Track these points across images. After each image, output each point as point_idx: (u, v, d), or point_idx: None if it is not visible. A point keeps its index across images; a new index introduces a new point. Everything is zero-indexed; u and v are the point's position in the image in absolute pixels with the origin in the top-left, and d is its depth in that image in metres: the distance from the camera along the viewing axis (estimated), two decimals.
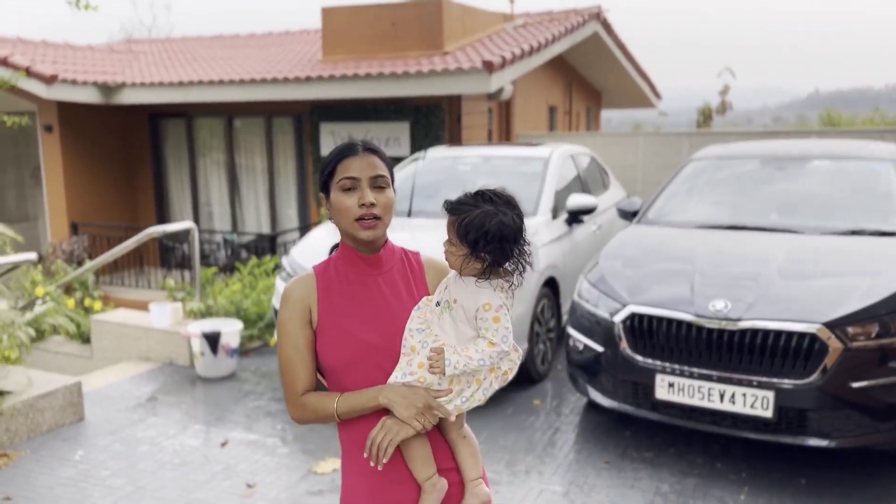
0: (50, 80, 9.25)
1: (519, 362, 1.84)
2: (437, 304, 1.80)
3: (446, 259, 1.80)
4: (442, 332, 1.77)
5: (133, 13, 42.19)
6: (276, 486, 3.99)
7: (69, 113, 10.22)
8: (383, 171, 1.82)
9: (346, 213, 1.79)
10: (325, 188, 1.85)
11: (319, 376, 1.91)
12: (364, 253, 1.86)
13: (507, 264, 1.77)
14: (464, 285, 1.77)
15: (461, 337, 1.76)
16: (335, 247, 1.95)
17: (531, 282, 5.17)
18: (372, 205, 1.78)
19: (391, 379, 1.76)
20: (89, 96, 9.84)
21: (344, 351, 1.79)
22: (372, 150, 1.83)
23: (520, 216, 1.78)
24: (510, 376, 1.84)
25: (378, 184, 1.81)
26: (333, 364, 1.81)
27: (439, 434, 1.85)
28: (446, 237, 1.80)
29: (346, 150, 1.82)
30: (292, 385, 1.83)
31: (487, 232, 1.71)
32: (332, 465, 4.19)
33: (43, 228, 11.63)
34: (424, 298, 1.85)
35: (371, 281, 1.85)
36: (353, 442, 1.85)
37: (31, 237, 11.73)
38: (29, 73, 9.18)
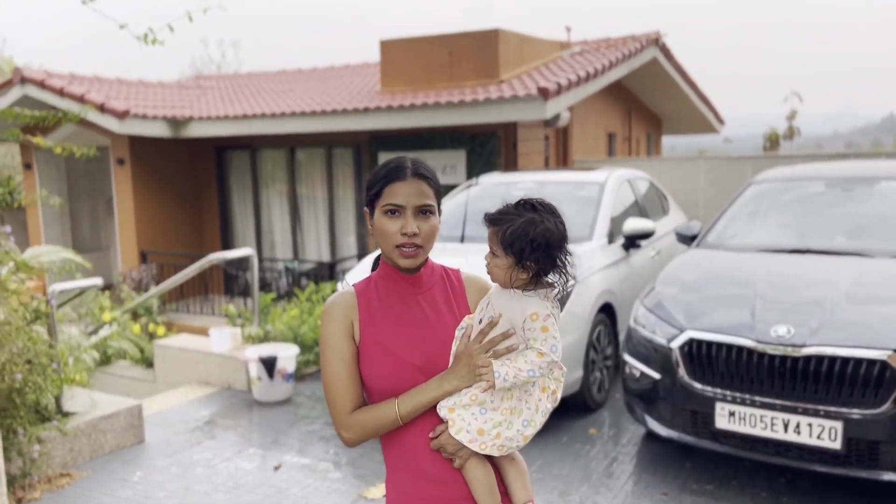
0: (122, 115, 9.67)
1: (563, 380, 1.79)
2: (481, 321, 1.76)
3: (489, 272, 1.77)
4: None
5: (203, 52, 43.90)
6: None
7: (140, 146, 10.65)
8: (430, 199, 1.77)
9: (388, 238, 1.76)
10: (371, 205, 1.82)
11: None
12: (404, 272, 1.83)
13: (551, 273, 1.73)
14: (508, 297, 1.73)
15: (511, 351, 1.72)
16: (377, 260, 1.93)
17: (586, 308, 5.08)
18: (414, 234, 1.74)
19: (441, 402, 1.73)
20: (159, 130, 10.23)
21: (386, 371, 1.76)
22: (421, 175, 1.78)
23: (563, 224, 1.75)
24: (559, 395, 1.79)
25: (423, 210, 1.77)
26: (375, 384, 1.77)
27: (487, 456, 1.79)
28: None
29: (395, 174, 1.77)
30: (341, 402, 1.77)
31: (533, 240, 1.68)
32: (382, 490, 4.16)
33: (115, 258, 12.07)
34: (466, 317, 1.81)
35: (412, 300, 1.82)
36: (398, 457, 1.81)
37: (103, 266, 12.19)
38: (103, 109, 9.62)
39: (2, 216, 12.00)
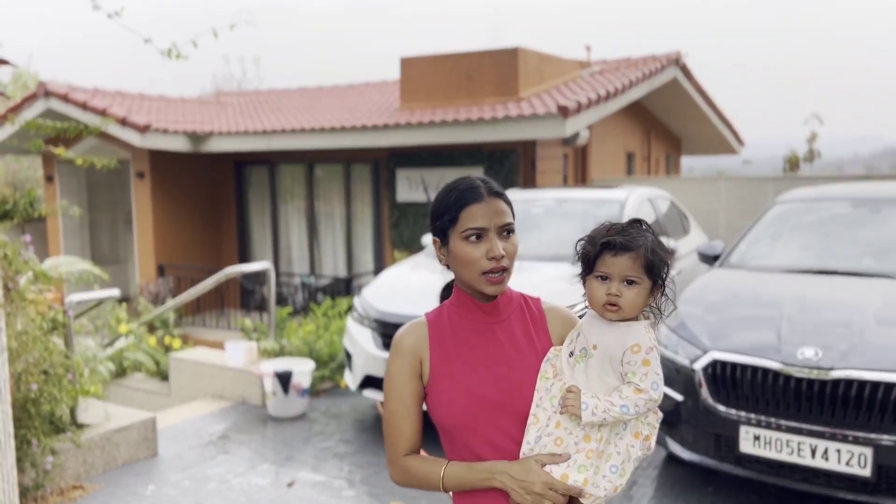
0: (143, 129, 9.74)
1: (657, 426, 1.63)
2: (571, 354, 1.62)
3: (617, 306, 1.57)
4: (576, 384, 1.58)
5: (224, 68, 44.37)
6: None
7: (160, 160, 10.72)
8: (510, 217, 1.68)
9: (472, 266, 1.64)
10: (443, 234, 1.69)
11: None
12: (480, 300, 1.72)
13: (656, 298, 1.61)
14: (605, 327, 1.58)
15: (603, 388, 1.55)
16: (447, 288, 1.81)
17: None
18: (503, 257, 1.63)
19: (523, 448, 1.60)
20: (179, 144, 10.30)
21: (459, 407, 1.66)
22: (496, 193, 1.68)
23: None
24: (653, 442, 1.63)
25: (506, 230, 1.66)
26: (447, 421, 1.67)
27: None
28: (608, 284, 1.57)
29: (470, 196, 1.65)
30: (395, 444, 1.71)
31: (664, 259, 1.58)
32: None
33: (132, 270, 12.13)
34: (552, 349, 1.68)
35: (487, 330, 1.71)
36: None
37: (121, 279, 12.24)
38: (125, 122, 9.70)
39: (22, 226, 12.10)
